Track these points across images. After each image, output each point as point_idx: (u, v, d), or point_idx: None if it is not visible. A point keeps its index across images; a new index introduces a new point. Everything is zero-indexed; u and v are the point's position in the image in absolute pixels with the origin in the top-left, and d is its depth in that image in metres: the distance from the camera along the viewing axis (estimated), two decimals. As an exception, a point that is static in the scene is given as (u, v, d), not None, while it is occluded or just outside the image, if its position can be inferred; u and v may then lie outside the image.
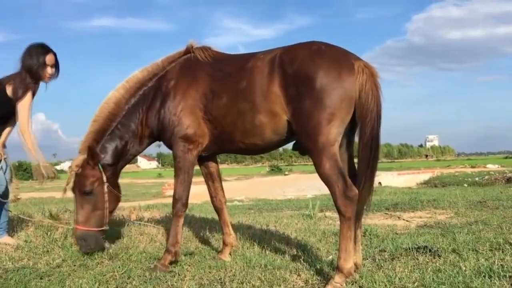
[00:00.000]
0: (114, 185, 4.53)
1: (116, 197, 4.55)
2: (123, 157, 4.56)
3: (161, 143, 4.55)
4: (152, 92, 4.40)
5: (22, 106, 4.81)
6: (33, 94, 4.96)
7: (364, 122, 3.60)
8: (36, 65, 4.83)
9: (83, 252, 4.43)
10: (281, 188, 24.52)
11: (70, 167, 4.53)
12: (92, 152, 4.32)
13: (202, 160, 4.58)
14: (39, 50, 4.90)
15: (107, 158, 4.47)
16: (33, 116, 5.22)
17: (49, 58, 4.91)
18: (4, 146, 5.05)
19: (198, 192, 4.67)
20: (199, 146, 4.21)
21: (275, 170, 65.22)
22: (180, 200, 4.22)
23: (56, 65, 5.01)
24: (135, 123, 4.46)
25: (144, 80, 4.45)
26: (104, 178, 4.42)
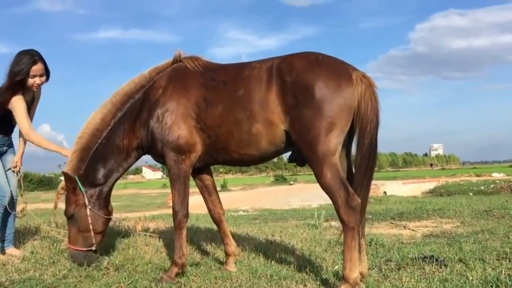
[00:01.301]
0: (101, 206, 4.45)
1: (102, 219, 4.46)
2: (110, 174, 4.48)
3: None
4: (139, 104, 4.34)
5: (15, 112, 4.84)
6: (32, 98, 5.02)
7: (363, 133, 3.64)
8: (22, 74, 4.76)
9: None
10: (286, 198, 24.41)
11: (57, 190, 4.55)
12: (66, 177, 4.35)
13: (196, 172, 4.53)
14: (27, 59, 4.80)
15: (93, 177, 4.42)
16: (39, 127, 5.26)
17: (36, 68, 4.82)
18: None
19: (203, 202, 4.67)
20: (192, 156, 4.15)
21: (280, 179, 65.04)
22: (180, 212, 4.18)
23: (46, 73, 4.94)
24: (120, 137, 4.39)
25: (131, 92, 4.39)
26: (86, 201, 4.37)
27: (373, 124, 3.64)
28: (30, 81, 4.84)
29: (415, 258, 4.54)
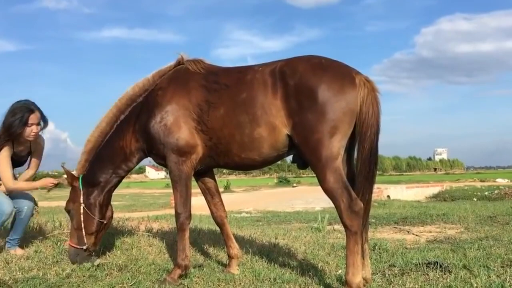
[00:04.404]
0: (96, 207, 4.57)
1: (94, 221, 4.56)
2: (109, 175, 4.57)
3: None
4: (140, 107, 4.40)
5: None
6: (28, 149, 5.20)
7: (364, 137, 3.63)
8: (17, 124, 4.86)
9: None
10: (289, 200, 24.34)
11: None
12: (66, 172, 4.62)
13: (198, 175, 4.55)
14: (23, 108, 4.92)
15: (92, 176, 4.57)
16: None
17: (33, 117, 4.94)
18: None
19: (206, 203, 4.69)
20: (193, 158, 4.15)
21: (283, 181, 64.84)
22: (182, 213, 4.19)
23: (42, 120, 5.07)
24: (118, 139, 4.47)
25: (134, 96, 4.45)
26: (81, 199, 4.54)
27: (373, 128, 3.63)
28: (28, 130, 4.96)
29: (419, 264, 4.52)
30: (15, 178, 5.10)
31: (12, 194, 5.01)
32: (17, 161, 5.14)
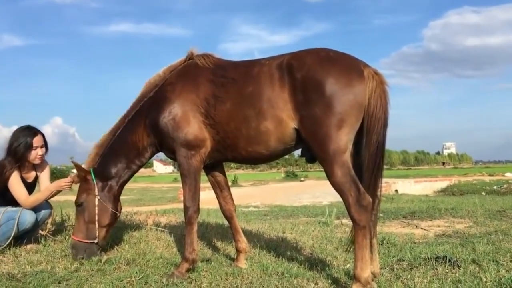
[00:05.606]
0: (110, 200, 4.59)
1: (109, 212, 4.58)
2: (121, 170, 4.60)
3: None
4: (150, 102, 4.41)
5: (11, 187, 4.99)
6: (34, 176, 5.25)
7: (371, 131, 3.60)
8: (23, 148, 4.94)
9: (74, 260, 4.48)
10: (297, 194, 24.37)
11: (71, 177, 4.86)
12: (76, 166, 4.59)
13: (208, 169, 4.57)
14: (26, 132, 5.01)
15: (104, 170, 4.59)
16: (51, 120, 5.34)
17: (36, 140, 5.03)
18: None
19: (214, 197, 4.69)
20: (202, 152, 4.15)
21: (291, 176, 64.85)
22: (191, 207, 4.19)
23: (45, 145, 5.15)
24: (130, 134, 4.50)
25: (146, 92, 4.48)
26: (96, 192, 4.54)
27: (381, 122, 3.60)
28: (33, 153, 5.04)
29: (428, 258, 4.50)
30: None
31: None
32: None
